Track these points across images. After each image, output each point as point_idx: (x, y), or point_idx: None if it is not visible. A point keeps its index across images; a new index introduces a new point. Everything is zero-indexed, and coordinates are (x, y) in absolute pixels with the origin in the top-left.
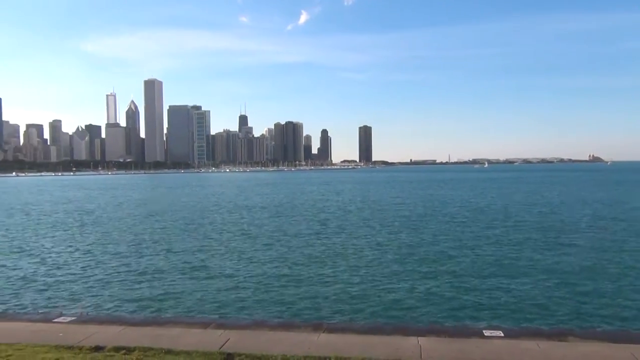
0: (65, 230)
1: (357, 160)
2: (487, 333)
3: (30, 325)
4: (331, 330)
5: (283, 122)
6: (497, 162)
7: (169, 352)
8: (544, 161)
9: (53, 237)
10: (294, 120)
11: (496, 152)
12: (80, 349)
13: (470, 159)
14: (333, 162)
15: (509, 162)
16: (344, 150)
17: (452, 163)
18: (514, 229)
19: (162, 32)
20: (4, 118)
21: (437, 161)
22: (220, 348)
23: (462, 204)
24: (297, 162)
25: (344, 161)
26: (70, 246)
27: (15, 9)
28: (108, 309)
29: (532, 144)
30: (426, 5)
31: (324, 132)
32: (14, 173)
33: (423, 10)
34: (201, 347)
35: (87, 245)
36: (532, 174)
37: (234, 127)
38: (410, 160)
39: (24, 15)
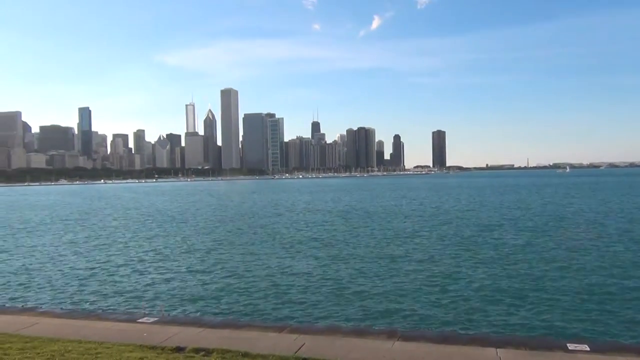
0: (150, 235)
1: (431, 166)
2: (571, 347)
3: (116, 325)
4: (406, 338)
5: (355, 128)
6: (581, 166)
7: (246, 355)
8: (632, 165)
9: (139, 241)
10: (366, 126)
11: (579, 155)
12: (163, 349)
13: (551, 163)
14: (406, 167)
15: (594, 166)
16: (417, 155)
17: (532, 168)
18: (605, 238)
19: (237, 43)
20: (93, 129)
21: (515, 166)
22: (295, 353)
23: (545, 212)
24: (369, 168)
25: (417, 166)
26: (154, 250)
27: (104, 27)
28: (188, 311)
29: (619, 146)
30: (498, 5)
31: (397, 138)
32: (102, 180)
33: (495, 11)
34: (277, 351)
35: (169, 249)
36: (620, 178)
37: (307, 133)
38: (487, 165)
39: (112, 33)
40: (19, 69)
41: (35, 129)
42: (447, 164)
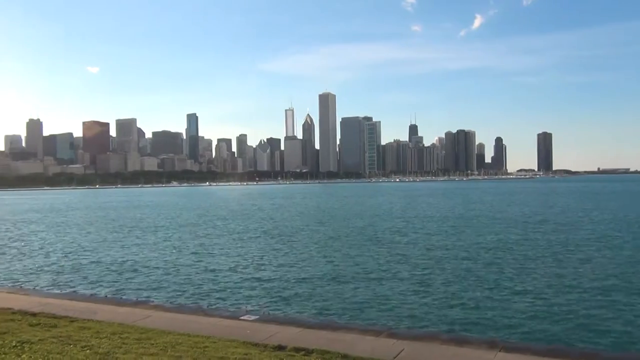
0: (252, 235)
1: (536, 169)
2: None
3: (221, 321)
4: (508, 349)
5: (454, 131)
6: None
7: (345, 357)
8: None
9: (242, 240)
10: (466, 128)
11: None
12: (265, 346)
13: None
14: (508, 171)
15: None
16: (521, 158)
17: None
18: None
19: (336, 47)
20: (200, 134)
21: (632, 169)
22: (394, 358)
23: None
24: (469, 171)
25: (521, 170)
26: (256, 249)
27: (211, 37)
28: (287, 311)
29: None
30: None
31: (498, 140)
32: (207, 183)
33: (603, 6)
34: (376, 354)
35: (271, 249)
36: None
37: (404, 137)
38: (598, 168)
39: (218, 43)
40: (135, 79)
41: (148, 135)
42: (554, 168)
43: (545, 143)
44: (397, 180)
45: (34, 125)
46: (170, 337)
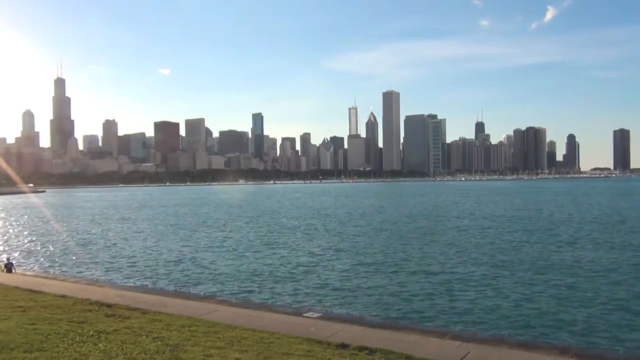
0: (316, 234)
1: (611, 168)
2: None
3: (285, 317)
4: (581, 356)
5: (523, 128)
6: None
7: (409, 357)
8: None
9: (308, 238)
10: (536, 125)
11: None
12: (329, 344)
13: None
14: (581, 169)
15: None
16: (595, 156)
17: None
18: None
19: (402, 44)
20: (265, 133)
21: None
22: None
23: None
24: (538, 170)
25: (595, 169)
26: (321, 247)
27: (276, 38)
28: (350, 309)
29: None
30: None
31: (571, 138)
32: (271, 181)
33: None
34: (440, 357)
35: (334, 247)
36: None
37: (470, 134)
38: None
39: (283, 43)
40: (203, 81)
41: (215, 134)
42: (631, 166)
43: (622, 140)
44: (463, 179)
45: (110, 126)
46: (236, 332)
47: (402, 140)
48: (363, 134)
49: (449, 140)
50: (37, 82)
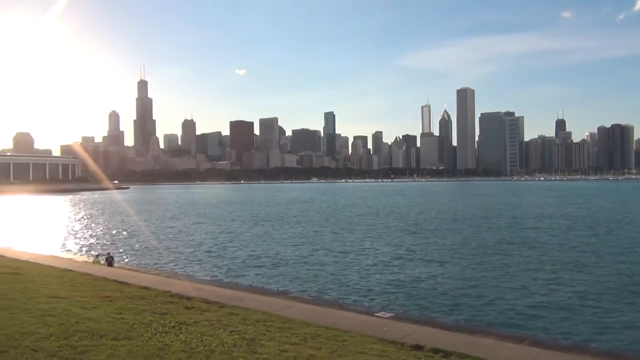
0: (389, 232)
1: None
2: None
3: (357, 316)
4: None
5: (608, 125)
6: None
7: None
8: None
9: (380, 237)
10: (623, 122)
11: None
12: (402, 345)
13: None
14: None
15: None
16: None
17: None
18: None
19: (477, 40)
20: (337, 131)
21: None
22: None
23: None
24: (625, 170)
25: None
26: (393, 246)
27: (350, 35)
28: (422, 310)
29: None
30: None
31: None
32: (343, 179)
33: None
34: None
35: (406, 246)
36: None
37: (550, 132)
38: None
39: (357, 40)
40: (277, 80)
41: (288, 133)
42: None
43: None
44: (542, 178)
45: (189, 125)
46: (310, 329)
47: (477, 139)
48: (436, 132)
49: (527, 138)
50: (122, 85)
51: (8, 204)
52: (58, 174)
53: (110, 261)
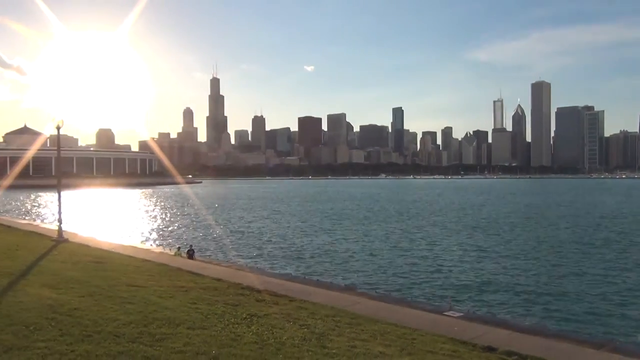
0: (457, 230)
1: None
2: None
3: (425, 315)
4: None
5: None
6: None
7: None
8: None
9: (448, 235)
10: None
11: None
12: (474, 346)
13: None
14: None
15: None
16: None
17: None
18: None
19: (551, 31)
20: (405, 127)
21: None
22: None
23: None
24: None
25: None
26: (461, 244)
27: (418, 30)
28: (493, 310)
29: None
30: None
31: None
32: (411, 176)
33: None
34: None
35: (475, 245)
36: None
37: (634, 127)
38: None
39: (425, 35)
40: (345, 76)
41: (356, 129)
42: None
43: None
44: (624, 176)
45: (258, 122)
46: (378, 326)
47: (552, 134)
48: (509, 128)
49: (607, 133)
50: (196, 83)
51: (91, 197)
52: (136, 169)
53: (191, 254)
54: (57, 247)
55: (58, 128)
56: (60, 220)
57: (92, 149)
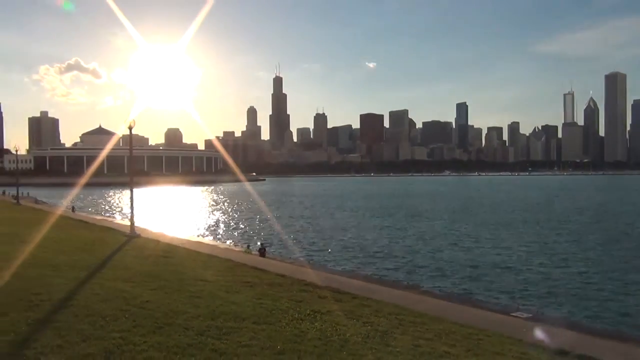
0: (526, 229)
1: None
2: None
3: (491, 315)
4: None
5: None
6: None
7: None
8: None
9: (514, 233)
10: None
11: None
12: (544, 348)
13: None
14: None
15: None
16: None
17: None
18: None
19: (626, 19)
20: (469, 123)
21: None
22: None
23: None
24: None
25: None
26: (535, 243)
27: (482, 24)
28: (563, 312)
29: None
30: None
31: None
32: (476, 172)
33: None
34: None
35: (548, 244)
36: None
37: None
38: None
39: (489, 29)
40: (407, 72)
41: (418, 125)
42: None
43: None
44: None
45: (320, 119)
46: (443, 325)
47: (628, 128)
48: (580, 122)
49: None
50: (259, 82)
51: (160, 194)
52: (202, 167)
53: (262, 252)
54: (130, 242)
55: (130, 128)
56: (132, 217)
57: (161, 147)
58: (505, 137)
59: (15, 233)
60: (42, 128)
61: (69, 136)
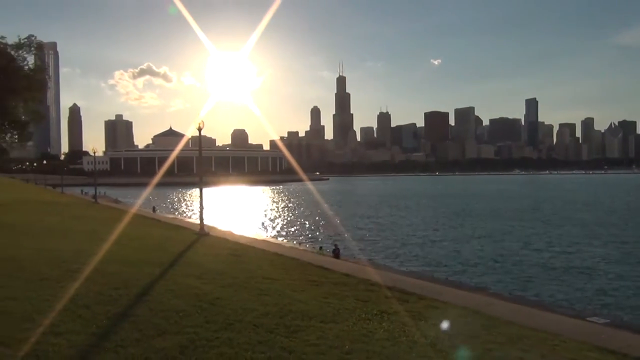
0: (602, 230)
1: None
2: None
3: (566, 320)
4: None
5: None
6: None
7: None
8: None
9: (590, 236)
10: None
11: None
12: (624, 356)
13: None
14: None
15: None
16: None
17: None
18: None
19: None
20: (540, 119)
21: None
22: None
23: None
24: None
25: None
26: (610, 245)
27: (552, 17)
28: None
29: None
30: None
31: None
32: (547, 171)
33: None
34: None
35: (625, 246)
36: None
37: None
38: None
39: (560, 22)
40: (473, 69)
41: (485, 122)
42: None
43: None
44: None
45: (384, 118)
46: (515, 329)
47: None
48: None
49: None
50: (323, 82)
51: (227, 193)
52: (267, 167)
53: (337, 253)
54: (199, 240)
55: (199, 129)
56: (201, 215)
57: (228, 148)
58: (578, 133)
59: (94, 230)
60: (117, 130)
61: (141, 138)
